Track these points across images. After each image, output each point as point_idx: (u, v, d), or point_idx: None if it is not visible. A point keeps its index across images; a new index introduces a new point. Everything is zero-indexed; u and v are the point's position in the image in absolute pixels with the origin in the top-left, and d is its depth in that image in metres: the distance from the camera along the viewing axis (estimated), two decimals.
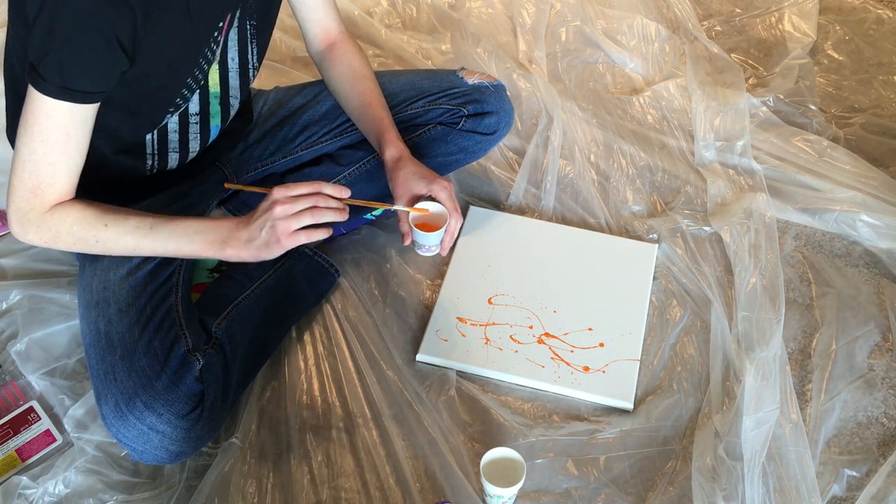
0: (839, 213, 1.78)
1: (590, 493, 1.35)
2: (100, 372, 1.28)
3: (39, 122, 1.15)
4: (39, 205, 1.21)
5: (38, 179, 1.19)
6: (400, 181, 1.44)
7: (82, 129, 1.18)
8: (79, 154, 1.20)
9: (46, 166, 1.18)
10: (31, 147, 1.17)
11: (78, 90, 1.13)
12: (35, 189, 1.20)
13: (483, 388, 1.48)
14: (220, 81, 1.38)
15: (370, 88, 1.55)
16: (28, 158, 1.18)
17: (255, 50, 1.40)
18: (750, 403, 1.42)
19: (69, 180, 1.22)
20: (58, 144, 1.17)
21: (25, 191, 1.20)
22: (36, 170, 1.18)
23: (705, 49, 2.22)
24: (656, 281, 1.66)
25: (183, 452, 1.28)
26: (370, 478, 1.35)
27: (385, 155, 1.48)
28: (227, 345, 1.35)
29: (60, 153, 1.18)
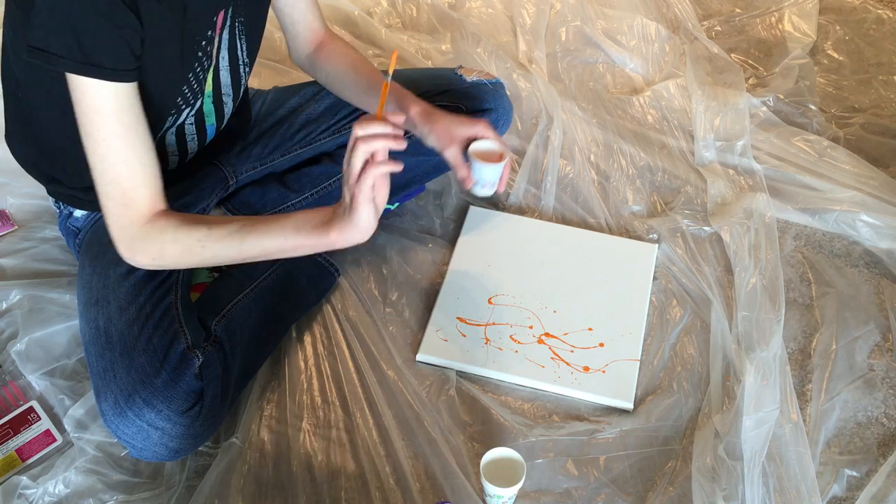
0: (839, 213, 1.78)
1: (590, 493, 1.35)
2: (99, 369, 1.28)
3: (92, 121, 1.12)
4: (135, 216, 1.17)
5: (122, 186, 1.15)
6: (440, 131, 1.43)
7: (133, 114, 1.14)
8: (145, 147, 1.16)
9: (122, 166, 1.14)
10: (100, 154, 1.13)
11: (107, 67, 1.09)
12: (123, 198, 1.16)
13: (483, 388, 1.48)
14: (213, 80, 1.37)
15: (372, 69, 1.55)
16: (104, 169, 1.14)
17: (244, 46, 1.39)
18: (750, 403, 1.42)
19: (151, 180, 1.17)
20: (119, 138, 1.13)
21: (117, 205, 1.16)
22: (115, 178, 1.15)
23: (705, 49, 2.22)
24: (656, 281, 1.66)
25: (182, 449, 1.28)
26: (370, 478, 1.35)
27: (411, 113, 1.44)
28: (227, 342, 1.36)
29: (127, 148, 1.13)
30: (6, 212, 1.69)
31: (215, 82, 1.38)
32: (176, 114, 1.32)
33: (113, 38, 1.09)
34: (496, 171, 1.42)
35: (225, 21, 1.31)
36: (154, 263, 1.22)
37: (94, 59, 1.08)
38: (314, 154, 1.64)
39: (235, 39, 1.36)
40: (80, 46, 1.07)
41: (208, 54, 1.30)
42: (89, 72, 1.09)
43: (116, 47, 1.10)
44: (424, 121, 1.44)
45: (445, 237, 1.73)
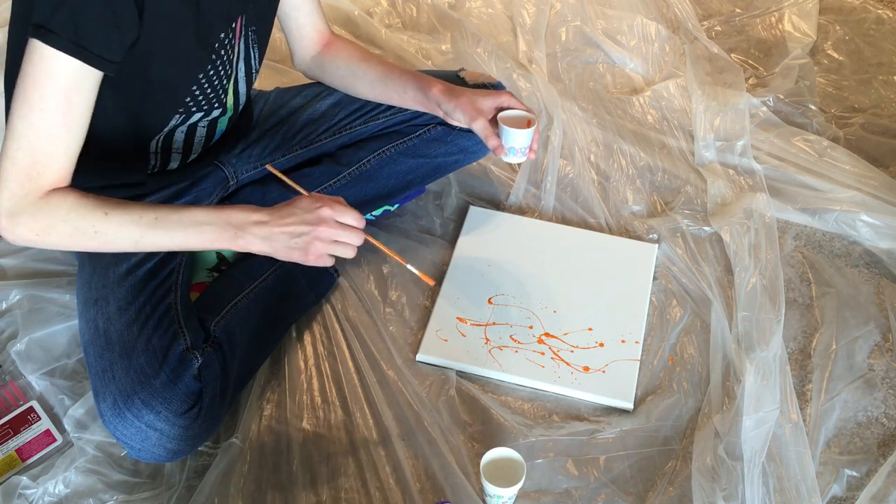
0: (839, 213, 1.78)
1: (590, 493, 1.35)
2: (98, 369, 1.28)
3: (40, 86, 1.08)
4: (35, 189, 1.12)
5: (35, 157, 1.11)
6: (465, 105, 1.44)
7: (85, 99, 1.11)
8: (79, 129, 1.13)
9: (45, 140, 1.10)
10: (29, 120, 1.09)
11: (92, 52, 1.08)
12: (30, 169, 1.11)
13: (483, 388, 1.48)
14: (233, 93, 1.39)
15: (381, 59, 1.57)
16: (24, 134, 1.10)
17: (256, 54, 1.40)
18: (750, 403, 1.42)
19: (67, 160, 1.14)
20: (59, 112, 1.09)
21: (19, 172, 1.11)
22: (32, 146, 1.10)
23: (705, 49, 2.22)
24: (656, 281, 1.66)
25: (181, 451, 1.28)
26: (370, 478, 1.35)
27: (433, 92, 1.47)
28: (226, 343, 1.35)
29: (61, 124, 1.10)
30: None
31: (235, 95, 1.39)
32: (185, 114, 1.31)
33: (106, 25, 1.08)
34: (527, 137, 1.44)
35: (241, 30, 1.31)
36: (36, 240, 1.16)
37: (84, 41, 1.07)
38: (315, 154, 1.64)
39: (249, 49, 1.37)
40: (76, 25, 1.06)
41: (224, 61, 1.30)
42: (74, 52, 1.07)
43: (107, 34, 1.09)
44: (448, 98, 1.46)
45: (445, 237, 1.73)
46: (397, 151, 1.63)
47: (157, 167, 1.42)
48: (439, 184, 1.80)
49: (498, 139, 1.44)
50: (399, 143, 1.63)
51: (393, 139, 1.63)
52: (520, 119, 1.46)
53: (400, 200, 1.75)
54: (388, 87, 1.54)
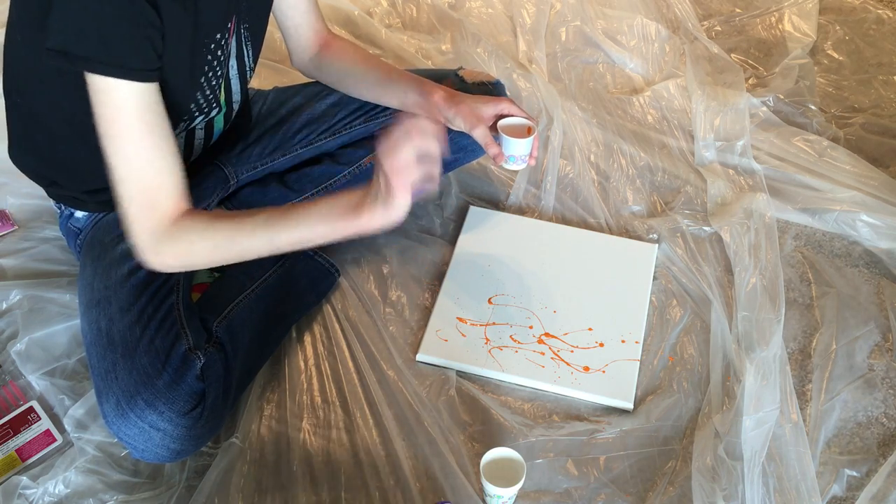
0: (839, 213, 1.78)
1: (590, 493, 1.35)
2: (101, 370, 1.28)
3: (115, 122, 1.09)
4: (161, 217, 1.15)
5: (147, 188, 1.13)
6: (466, 112, 1.44)
7: (156, 114, 1.12)
8: (169, 147, 1.14)
9: (147, 168, 1.12)
10: (124, 155, 1.11)
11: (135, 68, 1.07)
12: (149, 202, 1.14)
13: (483, 388, 1.48)
14: (225, 91, 1.38)
15: (381, 61, 1.56)
16: (128, 171, 1.12)
17: (250, 52, 1.40)
18: (750, 403, 1.42)
19: (176, 181, 1.15)
20: (143, 139, 1.11)
21: (141, 209, 1.14)
22: (139, 180, 1.12)
23: (705, 49, 2.22)
24: (656, 281, 1.66)
25: (184, 451, 1.28)
26: (370, 478, 1.35)
27: (435, 98, 1.46)
28: (228, 343, 1.36)
29: (152, 148, 1.11)
30: (6, 212, 1.69)
31: (227, 93, 1.39)
32: (188, 120, 1.32)
33: (136, 36, 1.08)
34: (526, 146, 1.44)
35: (234, 29, 1.31)
36: (183, 264, 1.20)
37: (119, 60, 1.07)
38: (315, 154, 1.64)
39: (242, 47, 1.37)
40: (106, 46, 1.06)
41: (220, 61, 1.30)
42: (115, 73, 1.07)
43: (141, 46, 1.09)
44: (449, 104, 1.45)
45: (445, 237, 1.73)
46: None
47: None
48: (439, 184, 1.79)
49: (497, 147, 1.44)
50: None
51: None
52: (519, 127, 1.46)
53: None
54: (388, 90, 1.53)
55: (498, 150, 1.44)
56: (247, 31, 1.36)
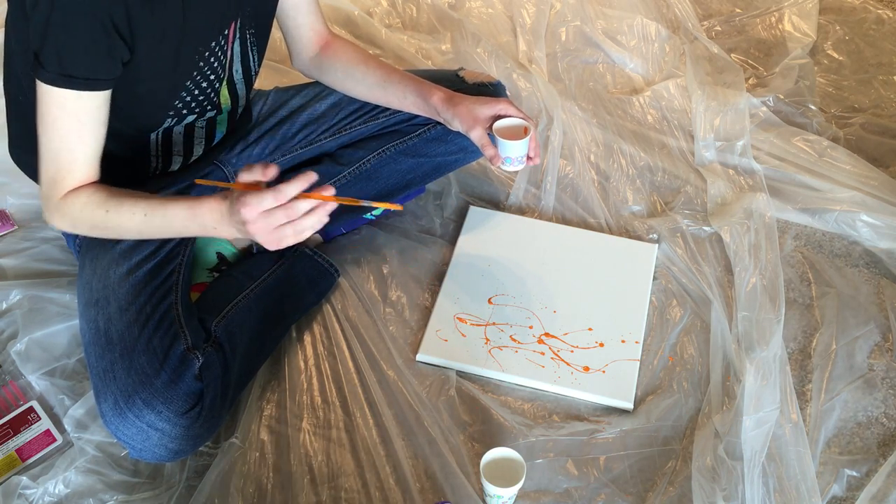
0: (839, 213, 1.78)
1: (590, 493, 1.35)
2: (99, 370, 1.28)
3: (51, 113, 1.17)
4: (58, 192, 1.23)
5: (57, 167, 1.21)
6: (463, 114, 1.44)
7: (95, 115, 1.19)
8: (95, 140, 1.22)
9: (65, 154, 1.20)
10: (48, 137, 1.19)
11: (79, 77, 1.14)
12: (55, 177, 1.22)
13: (483, 388, 1.48)
14: (230, 94, 1.39)
15: (381, 62, 1.56)
16: (48, 148, 1.20)
17: (255, 56, 1.40)
18: (750, 403, 1.42)
19: (87, 166, 1.23)
20: (72, 132, 1.19)
21: (48, 179, 1.23)
22: (55, 158, 1.21)
23: (705, 49, 2.22)
24: (656, 281, 1.66)
25: (182, 450, 1.28)
26: (370, 478, 1.35)
27: (433, 100, 1.47)
28: (227, 343, 1.36)
29: (76, 141, 1.20)
30: (6, 212, 1.69)
31: (233, 97, 1.39)
32: (176, 116, 1.32)
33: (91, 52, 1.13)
34: (522, 147, 1.43)
35: (235, 34, 1.31)
36: (71, 231, 1.30)
37: (70, 70, 1.13)
38: (315, 154, 1.64)
39: (248, 51, 1.37)
40: (59, 58, 1.12)
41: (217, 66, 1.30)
42: (63, 83, 1.14)
43: (94, 61, 1.14)
44: (447, 106, 1.46)
45: (445, 237, 1.73)
46: (397, 151, 1.63)
47: (158, 169, 1.42)
48: (439, 184, 1.80)
49: (494, 149, 1.44)
50: (399, 142, 1.63)
51: (393, 138, 1.63)
52: (516, 128, 1.45)
53: (400, 200, 1.75)
54: (387, 91, 1.54)
55: (494, 152, 1.44)
56: (252, 36, 1.37)
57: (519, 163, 1.46)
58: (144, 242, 1.38)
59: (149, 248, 1.38)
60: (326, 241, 1.69)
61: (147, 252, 1.37)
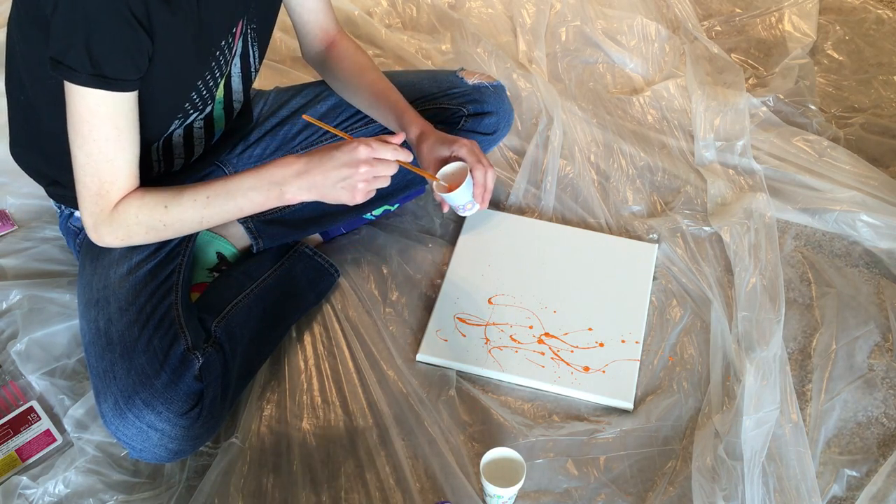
0: (839, 213, 1.78)
1: (590, 493, 1.35)
2: (99, 370, 1.28)
3: (87, 121, 1.15)
4: (106, 205, 1.22)
5: (101, 180, 1.20)
6: (424, 153, 1.44)
7: (129, 119, 1.18)
8: (132, 146, 1.21)
9: (105, 165, 1.19)
10: (87, 150, 1.17)
11: (112, 77, 1.12)
12: (99, 189, 1.21)
13: (483, 388, 1.48)
14: (224, 87, 1.38)
15: (380, 77, 1.55)
16: (86, 162, 1.19)
17: (255, 53, 1.40)
18: (750, 403, 1.42)
19: (129, 174, 1.22)
20: (110, 141, 1.17)
21: (92, 195, 1.21)
22: (97, 171, 1.19)
23: (705, 49, 2.22)
24: (656, 281, 1.66)
25: (182, 451, 1.28)
26: (370, 478, 1.35)
27: (410, 135, 1.46)
28: (227, 343, 1.36)
29: (115, 149, 1.18)
30: (6, 212, 1.69)
31: (227, 90, 1.39)
32: (183, 117, 1.32)
33: (120, 48, 1.12)
34: (458, 197, 1.40)
35: (241, 31, 1.31)
36: (124, 243, 1.28)
37: (102, 70, 1.11)
38: None
39: (248, 47, 1.37)
40: (91, 58, 1.10)
41: (223, 63, 1.30)
42: (97, 83, 1.12)
43: (122, 59, 1.13)
44: (416, 142, 1.45)
45: (445, 237, 1.73)
46: None
47: (161, 170, 1.42)
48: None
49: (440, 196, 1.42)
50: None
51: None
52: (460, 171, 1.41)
53: (400, 200, 1.75)
54: (374, 112, 1.54)
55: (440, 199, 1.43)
56: (253, 32, 1.36)
57: (467, 210, 1.44)
58: None
59: (149, 248, 1.38)
60: (326, 242, 1.69)
61: (147, 252, 1.37)
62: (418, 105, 1.62)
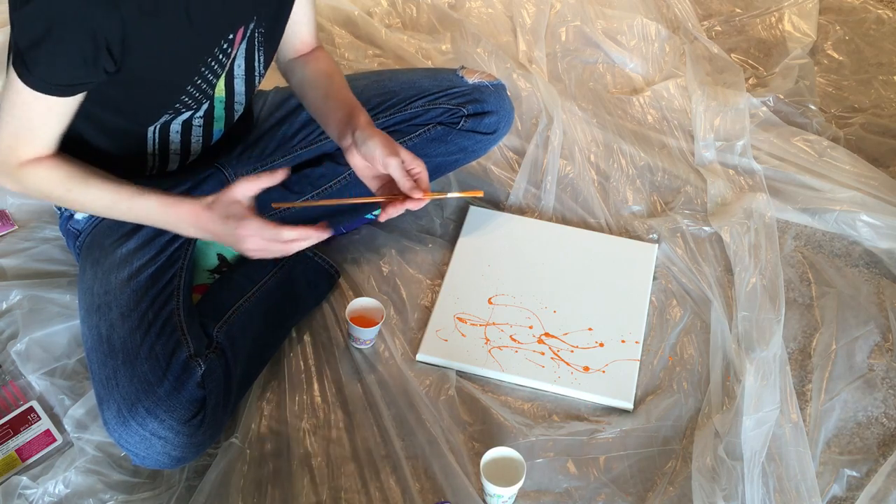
0: (839, 213, 1.78)
1: (590, 493, 1.35)
2: (101, 377, 1.28)
3: (22, 99, 1.16)
4: (14, 159, 1.23)
5: (17, 139, 1.21)
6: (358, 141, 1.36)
7: (66, 106, 1.19)
8: (60, 123, 1.22)
9: (26, 131, 1.20)
10: (13, 112, 1.19)
11: (62, 84, 1.15)
12: (12, 145, 1.22)
13: (483, 387, 1.48)
14: (226, 87, 1.38)
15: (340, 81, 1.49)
16: (9, 120, 1.19)
17: (261, 57, 1.39)
18: (750, 403, 1.42)
19: (46, 143, 1.23)
20: (40, 116, 1.19)
21: (3, 145, 1.22)
22: (15, 131, 1.20)
23: (705, 49, 2.22)
24: (656, 281, 1.66)
25: (184, 458, 1.27)
26: (370, 478, 1.35)
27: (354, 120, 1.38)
28: (229, 349, 1.35)
29: (41, 123, 1.20)
30: (6, 212, 1.69)
31: (229, 89, 1.38)
32: (174, 114, 1.32)
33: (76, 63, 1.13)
34: (363, 333, 1.49)
35: (244, 35, 1.31)
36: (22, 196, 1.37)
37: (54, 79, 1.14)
38: (315, 155, 1.64)
39: (254, 51, 1.36)
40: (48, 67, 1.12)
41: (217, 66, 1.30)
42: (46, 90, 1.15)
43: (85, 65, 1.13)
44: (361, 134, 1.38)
45: (445, 237, 1.73)
46: None
47: (155, 169, 1.42)
48: (439, 184, 1.80)
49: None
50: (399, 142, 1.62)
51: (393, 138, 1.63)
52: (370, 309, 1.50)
53: None
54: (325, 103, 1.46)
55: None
56: (261, 37, 1.36)
57: (361, 343, 1.51)
58: (146, 246, 1.38)
59: (150, 252, 1.38)
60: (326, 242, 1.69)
61: (148, 257, 1.37)
62: (417, 104, 1.62)
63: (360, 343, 1.51)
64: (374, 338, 1.51)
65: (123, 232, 1.39)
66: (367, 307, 1.51)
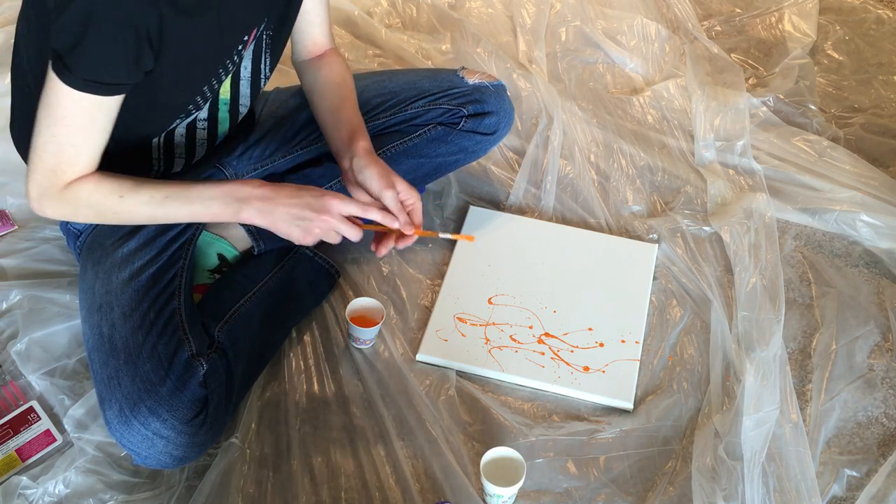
0: (839, 213, 1.78)
1: (590, 493, 1.35)
2: (103, 377, 1.28)
3: (64, 108, 1.14)
4: (59, 182, 1.22)
5: (59, 159, 1.19)
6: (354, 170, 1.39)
7: (108, 114, 1.18)
8: (102, 136, 1.20)
9: (69, 148, 1.18)
10: (53, 131, 1.17)
11: (105, 83, 1.13)
12: (55, 168, 1.20)
13: (483, 387, 1.48)
14: (231, 89, 1.38)
15: (349, 94, 1.51)
16: (50, 140, 1.18)
17: (267, 60, 1.40)
18: (750, 403, 1.42)
19: (91, 161, 1.22)
20: (82, 129, 1.17)
21: (45, 168, 1.20)
22: (58, 151, 1.18)
23: (705, 49, 2.22)
24: (656, 281, 1.66)
25: (186, 458, 1.27)
26: (370, 478, 1.35)
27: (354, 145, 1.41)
28: (230, 349, 1.35)
29: (84, 137, 1.18)
30: (6, 212, 1.69)
31: (234, 92, 1.39)
32: (185, 116, 1.32)
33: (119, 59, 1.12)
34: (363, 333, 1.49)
35: (255, 36, 1.31)
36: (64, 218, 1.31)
37: (98, 76, 1.12)
38: (316, 155, 1.64)
39: (261, 53, 1.37)
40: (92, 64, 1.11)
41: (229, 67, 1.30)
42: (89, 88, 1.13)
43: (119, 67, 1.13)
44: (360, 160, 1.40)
45: None
46: (397, 151, 1.63)
47: (160, 170, 1.42)
48: (439, 184, 1.80)
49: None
50: (399, 142, 1.63)
51: (393, 139, 1.63)
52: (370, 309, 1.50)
53: None
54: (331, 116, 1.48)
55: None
56: (269, 39, 1.36)
57: (363, 344, 1.51)
58: (147, 246, 1.38)
59: (151, 252, 1.38)
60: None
61: (149, 257, 1.37)
62: (417, 104, 1.63)
63: (360, 343, 1.51)
64: (374, 338, 1.51)
65: (124, 232, 1.39)
66: (367, 307, 1.51)
